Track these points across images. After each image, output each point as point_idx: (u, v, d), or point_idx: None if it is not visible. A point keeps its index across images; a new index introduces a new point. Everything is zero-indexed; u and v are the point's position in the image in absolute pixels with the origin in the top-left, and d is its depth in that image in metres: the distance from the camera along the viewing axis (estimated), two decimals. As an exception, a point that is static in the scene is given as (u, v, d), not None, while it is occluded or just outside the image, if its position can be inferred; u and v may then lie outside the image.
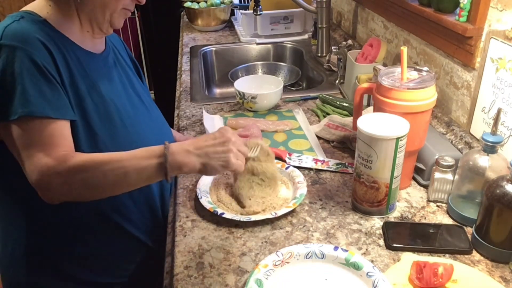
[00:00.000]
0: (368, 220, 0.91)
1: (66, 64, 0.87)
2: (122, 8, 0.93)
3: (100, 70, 0.96)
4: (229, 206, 0.93)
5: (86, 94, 0.90)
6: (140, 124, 1.02)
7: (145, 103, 1.09)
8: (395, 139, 0.82)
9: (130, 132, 0.97)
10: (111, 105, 0.94)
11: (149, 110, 1.10)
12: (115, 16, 0.93)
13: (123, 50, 1.13)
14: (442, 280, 0.72)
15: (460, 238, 0.84)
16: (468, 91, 1.05)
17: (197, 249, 0.84)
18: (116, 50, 1.08)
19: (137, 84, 1.10)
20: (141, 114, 1.04)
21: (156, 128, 1.10)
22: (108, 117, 0.93)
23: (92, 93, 0.91)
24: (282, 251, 0.79)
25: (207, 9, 2.22)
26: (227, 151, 0.83)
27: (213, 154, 0.82)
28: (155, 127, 1.09)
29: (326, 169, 1.07)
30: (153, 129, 1.07)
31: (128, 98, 1.02)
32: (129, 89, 1.05)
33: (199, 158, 0.82)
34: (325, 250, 0.79)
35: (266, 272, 0.76)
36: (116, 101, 0.96)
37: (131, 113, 1.00)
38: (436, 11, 1.12)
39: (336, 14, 2.07)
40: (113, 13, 0.93)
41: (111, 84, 0.98)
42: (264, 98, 1.34)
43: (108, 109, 0.94)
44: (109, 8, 0.91)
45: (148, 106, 1.10)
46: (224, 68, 1.98)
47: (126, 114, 0.98)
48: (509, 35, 0.90)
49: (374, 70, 1.25)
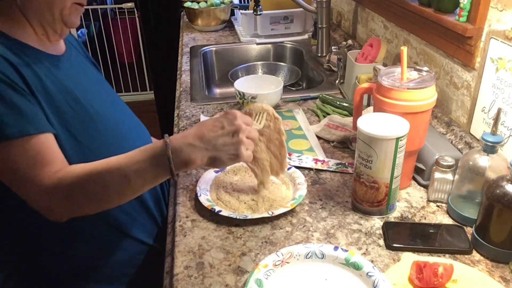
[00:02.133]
0: (368, 220, 0.91)
1: (33, 72, 0.80)
2: (73, 3, 0.85)
3: (68, 72, 0.90)
4: (227, 204, 0.94)
5: (62, 102, 0.83)
6: (120, 123, 0.97)
7: (116, 100, 1.03)
8: (395, 139, 0.82)
9: (114, 134, 0.92)
10: (89, 108, 0.88)
11: (122, 107, 1.04)
12: (65, 13, 0.85)
13: (78, 46, 1.06)
14: (442, 280, 0.72)
15: (460, 238, 0.84)
16: (468, 91, 1.05)
17: (197, 249, 0.84)
18: (73, 47, 1.00)
19: (101, 79, 1.04)
20: (117, 112, 0.99)
21: (134, 124, 1.05)
22: (89, 122, 0.87)
23: (67, 99, 0.85)
24: (282, 251, 0.79)
25: (207, 9, 2.22)
26: (237, 143, 0.75)
27: (222, 146, 0.75)
28: (133, 124, 1.04)
29: (326, 169, 1.07)
30: (133, 126, 1.03)
31: (101, 97, 0.97)
32: (99, 87, 0.99)
33: (207, 152, 0.75)
34: (325, 250, 0.79)
35: (266, 272, 0.76)
36: (93, 103, 0.90)
37: (109, 113, 0.94)
38: (436, 11, 1.12)
39: (336, 14, 2.07)
40: (63, 10, 0.84)
41: (82, 85, 0.92)
42: (264, 98, 1.34)
43: (87, 113, 0.87)
44: (56, 5, 0.83)
45: (119, 102, 1.04)
46: (224, 68, 1.98)
47: (105, 115, 0.92)
48: (509, 35, 0.90)
49: (374, 70, 1.25)
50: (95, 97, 0.93)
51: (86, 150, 0.85)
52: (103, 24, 4.07)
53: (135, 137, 1.00)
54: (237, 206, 0.93)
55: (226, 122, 0.76)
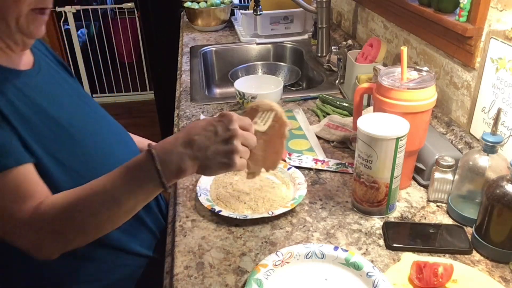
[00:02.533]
0: (368, 220, 0.91)
1: (3, 97, 0.72)
2: (30, 9, 0.73)
3: (41, 88, 0.81)
4: (227, 204, 0.94)
5: (40, 125, 0.76)
6: (102, 135, 0.90)
7: (94, 108, 0.94)
8: (395, 139, 0.82)
9: (97, 149, 0.86)
10: (69, 127, 0.81)
11: (101, 115, 0.95)
12: (22, 23, 0.74)
13: (46, 51, 0.94)
14: (442, 280, 0.72)
15: (460, 238, 0.84)
16: (468, 91, 1.05)
17: (197, 249, 0.84)
18: (41, 55, 0.90)
19: (76, 87, 0.95)
20: (97, 122, 0.92)
21: (116, 133, 0.97)
22: (71, 142, 0.81)
23: (45, 121, 0.77)
24: (282, 251, 0.79)
25: (207, 9, 2.22)
26: (231, 152, 0.68)
27: (213, 154, 0.68)
28: (115, 131, 0.97)
29: (326, 169, 1.07)
30: (115, 136, 0.95)
31: (79, 110, 0.88)
32: (75, 98, 0.90)
33: (197, 160, 0.68)
34: (325, 250, 0.79)
35: (266, 272, 0.76)
36: (72, 120, 0.83)
37: (90, 127, 0.87)
38: (436, 11, 1.12)
39: (336, 14, 2.07)
40: (19, 20, 0.73)
41: (58, 100, 0.83)
42: (264, 98, 1.34)
43: (67, 133, 0.80)
44: (10, 14, 0.72)
45: (97, 110, 0.95)
46: (224, 68, 1.98)
47: (87, 131, 0.85)
48: (509, 35, 0.90)
49: (374, 70, 1.25)
50: (72, 112, 0.85)
51: (73, 173, 0.78)
52: (103, 24, 4.07)
53: (120, 147, 0.94)
54: (237, 206, 0.93)
55: (220, 128, 0.68)
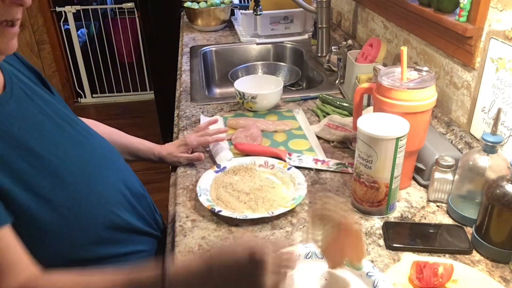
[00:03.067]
0: (368, 220, 0.91)
1: None
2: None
3: (15, 116, 0.71)
4: (227, 204, 0.93)
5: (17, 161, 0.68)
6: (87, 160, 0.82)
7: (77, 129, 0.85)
8: (395, 139, 0.82)
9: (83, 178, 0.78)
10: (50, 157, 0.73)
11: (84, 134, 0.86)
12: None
13: (20, 65, 0.82)
14: (442, 280, 0.72)
15: (460, 238, 0.84)
16: (468, 91, 1.05)
17: (197, 249, 0.84)
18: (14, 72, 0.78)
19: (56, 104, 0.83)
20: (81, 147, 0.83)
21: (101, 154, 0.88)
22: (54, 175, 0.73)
23: (22, 155, 0.69)
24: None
25: (207, 9, 2.22)
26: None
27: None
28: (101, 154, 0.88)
29: (326, 169, 1.07)
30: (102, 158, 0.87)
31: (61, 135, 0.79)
32: (55, 120, 0.80)
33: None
34: (325, 250, 0.79)
35: (266, 272, 0.76)
36: (53, 149, 0.75)
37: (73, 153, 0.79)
38: (436, 11, 1.11)
39: (336, 14, 2.07)
40: None
41: (36, 128, 0.74)
42: (264, 98, 1.34)
43: (49, 165, 0.72)
44: None
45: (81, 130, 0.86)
46: (224, 68, 1.98)
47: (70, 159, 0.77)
48: (509, 35, 0.90)
49: (374, 70, 1.25)
50: (52, 138, 0.77)
51: (60, 208, 0.72)
52: (103, 24, 4.07)
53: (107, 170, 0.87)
54: (237, 206, 0.93)
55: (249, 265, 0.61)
